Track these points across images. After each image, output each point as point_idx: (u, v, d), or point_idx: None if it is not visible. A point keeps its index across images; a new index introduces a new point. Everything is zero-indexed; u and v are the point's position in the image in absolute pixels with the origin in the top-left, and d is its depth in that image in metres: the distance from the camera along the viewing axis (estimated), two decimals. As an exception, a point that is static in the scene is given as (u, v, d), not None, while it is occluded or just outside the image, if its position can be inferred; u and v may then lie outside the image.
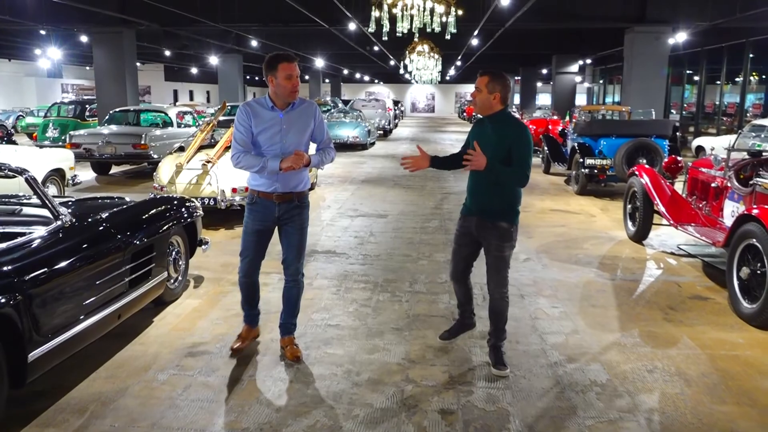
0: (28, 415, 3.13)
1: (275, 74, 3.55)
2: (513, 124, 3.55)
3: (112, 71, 15.39)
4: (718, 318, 4.67)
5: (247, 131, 3.62)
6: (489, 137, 3.52)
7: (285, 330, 3.93)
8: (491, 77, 3.51)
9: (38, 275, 3.11)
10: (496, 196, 3.55)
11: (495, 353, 3.71)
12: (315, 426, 3.08)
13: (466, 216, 3.70)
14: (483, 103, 3.55)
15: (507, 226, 3.55)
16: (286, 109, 3.64)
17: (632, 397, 3.41)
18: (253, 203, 3.74)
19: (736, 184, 5.37)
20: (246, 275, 3.85)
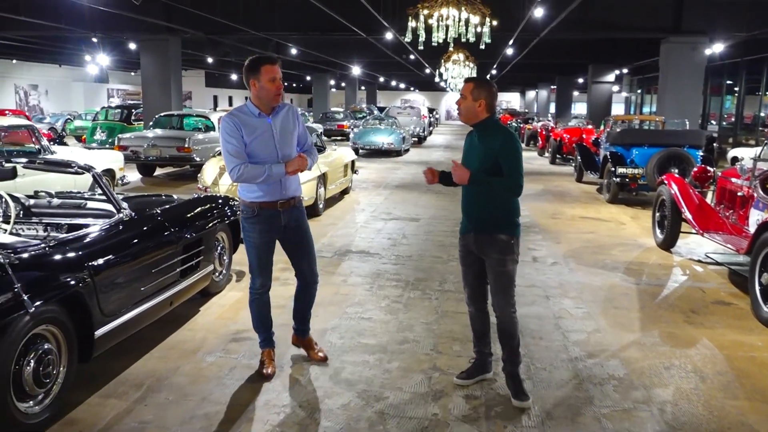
0: (92, 387, 3.48)
1: (258, 77, 3.42)
2: (499, 132, 3.38)
3: (157, 77, 16.03)
4: (739, 322, 4.81)
5: (239, 142, 3.42)
6: (476, 147, 3.40)
7: (301, 333, 3.90)
8: (476, 84, 3.37)
9: (104, 262, 3.47)
10: (490, 208, 3.37)
11: (514, 382, 3.45)
12: (349, 405, 3.36)
13: (464, 234, 3.50)
14: (468, 111, 3.38)
15: (506, 238, 3.34)
16: (271, 114, 3.52)
17: (647, 390, 3.61)
18: (256, 215, 3.55)
19: (761, 193, 5.49)
20: (263, 290, 3.69)
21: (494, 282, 3.42)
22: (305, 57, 22.67)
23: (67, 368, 3.19)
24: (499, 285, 3.40)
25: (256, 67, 3.44)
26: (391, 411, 3.31)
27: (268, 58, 3.52)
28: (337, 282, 5.67)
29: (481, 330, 3.63)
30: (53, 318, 3.06)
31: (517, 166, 3.29)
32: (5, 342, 2.74)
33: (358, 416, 3.24)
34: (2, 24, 14.28)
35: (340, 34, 15.47)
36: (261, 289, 3.69)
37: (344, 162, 10.48)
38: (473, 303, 3.61)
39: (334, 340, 4.26)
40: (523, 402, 3.36)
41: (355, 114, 28.65)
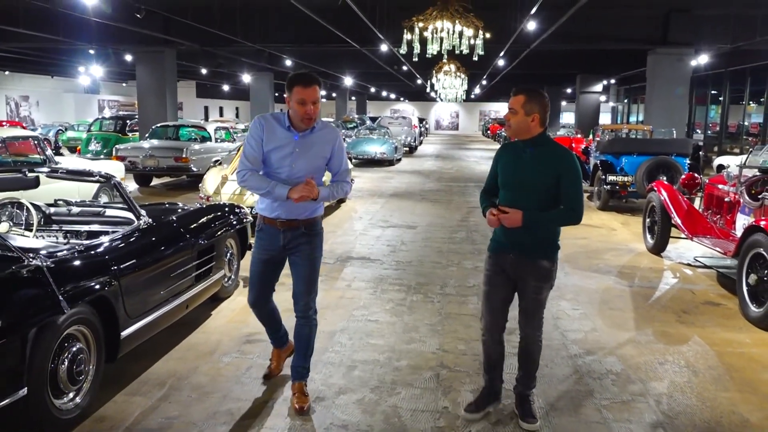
0: (117, 386, 3.64)
1: (290, 95, 3.24)
2: (559, 151, 3.10)
3: (153, 88, 16.20)
4: (729, 321, 5.04)
5: (258, 146, 3.30)
6: (528, 166, 3.07)
7: (296, 374, 3.52)
8: (528, 96, 3.06)
9: (128, 266, 3.64)
10: (535, 230, 3.09)
11: (522, 404, 3.31)
12: (363, 400, 3.54)
13: (499, 253, 3.20)
14: (519, 126, 3.08)
15: (548, 265, 3.12)
16: (303, 132, 3.31)
17: (644, 383, 3.82)
18: (260, 230, 3.45)
19: (747, 198, 5.75)
20: (255, 306, 3.59)
21: (527, 307, 3.19)
22: (298, 68, 22.88)
23: (96, 367, 3.35)
24: (531, 311, 3.20)
25: (290, 85, 3.23)
26: (404, 405, 3.49)
27: (303, 77, 3.23)
28: (342, 287, 5.85)
29: (498, 360, 3.35)
30: (84, 319, 3.23)
31: (578, 191, 3.05)
32: (44, 341, 2.90)
33: (373, 410, 3.43)
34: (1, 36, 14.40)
35: (335, 46, 15.72)
36: (253, 307, 3.57)
37: (341, 171, 10.67)
38: (492, 332, 3.28)
39: (344, 341, 4.45)
40: (531, 425, 3.22)
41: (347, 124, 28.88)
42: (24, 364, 2.79)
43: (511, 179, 3.14)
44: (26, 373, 2.80)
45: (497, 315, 3.25)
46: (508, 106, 3.16)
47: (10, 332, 2.73)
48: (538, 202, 3.06)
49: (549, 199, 3.06)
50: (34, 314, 2.87)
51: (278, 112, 3.47)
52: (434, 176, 16.31)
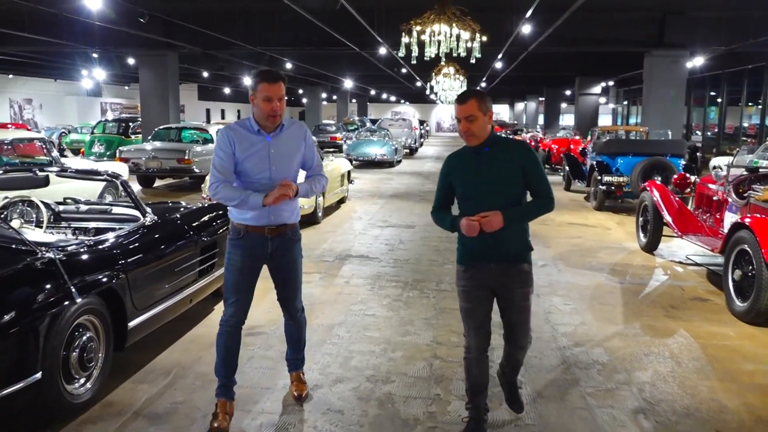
0: (124, 374, 3.81)
1: (255, 93, 3.16)
2: (514, 144, 3.08)
3: (156, 91, 16.40)
4: (715, 315, 5.21)
5: (228, 158, 3.17)
6: (489, 168, 2.93)
7: (293, 366, 3.63)
8: (479, 98, 2.93)
9: (135, 260, 3.82)
10: (515, 234, 2.94)
11: (510, 389, 3.31)
12: (359, 388, 3.71)
13: (476, 265, 2.99)
14: (482, 130, 2.92)
15: (528, 268, 3.02)
16: (273, 132, 3.23)
17: (628, 373, 3.99)
18: (241, 238, 3.28)
19: (734, 197, 5.92)
20: (234, 322, 3.32)
21: (516, 317, 3.04)
22: (298, 71, 23.10)
23: (105, 355, 3.52)
24: (520, 320, 3.06)
25: (255, 82, 3.18)
26: (397, 392, 3.66)
27: (268, 74, 3.20)
28: (340, 283, 6.02)
29: (483, 382, 3.12)
30: (94, 309, 3.40)
31: (546, 179, 2.99)
32: (57, 329, 3.07)
33: (368, 397, 3.60)
34: (7, 40, 14.61)
35: (335, 49, 15.92)
36: (231, 320, 3.30)
37: (341, 172, 10.87)
38: (478, 347, 3.06)
39: (342, 333, 4.62)
40: (518, 413, 3.29)
41: (347, 126, 29.08)
42: (38, 350, 2.97)
43: (472, 187, 2.95)
44: (40, 358, 2.97)
45: (482, 330, 3.05)
46: (461, 116, 2.91)
47: (25, 319, 2.91)
48: (506, 202, 2.89)
49: (516, 197, 2.94)
50: (48, 303, 3.04)
51: (243, 119, 3.33)
52: (434, 177, 16.43)
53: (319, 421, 3.31)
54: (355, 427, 3.26)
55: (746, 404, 3.59)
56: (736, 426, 3.34)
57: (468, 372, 3.12)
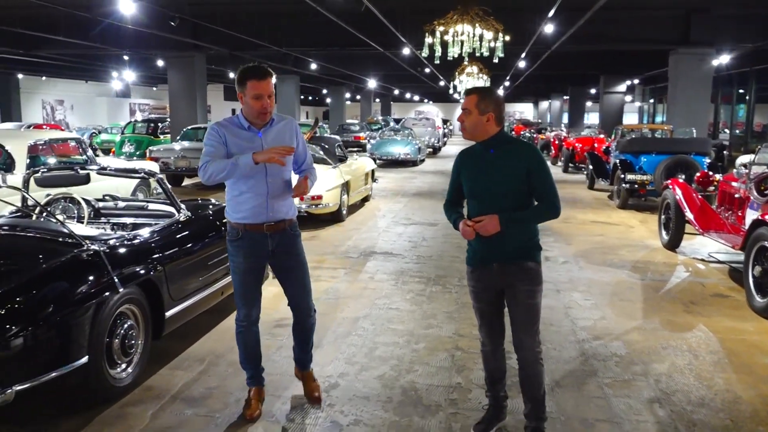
0: (161, 361, 4.02)
1: (244, 91, 3.10)
2: (522, 145, 3.01)
3: (184, 92, 16.77)
4: (735, 311, 5.27)
5: (219, 145, 3.13)
6: (494, 169, 2.91)
7: (302, 365, 3.60)
8: (480, 95, 2.92)
9: (171, 254, 4.04)
10: (518, 234, 2.91)
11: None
12: (383, 376, 3.88)
13: (481, 266, 3.01)
14: (475, 127, 2.92)
15: (534, 265, 2.95)
16: (264, 128, 3.20)
17: (645, 365, 4.09)
18: (240, 239, 3.24)
19: (755, 194, 5.95)
20: (249, 322, 3.38)
21: (521, 316, 2.97)
22: (323, 71, 23.36)
23: (144, 343, 3.74)
24: (526, 319, 2.97)
25: (242, 80, 3.10)
26: (420, 380, 3.82)
27: (256, 70, 3.10)
28: (365, 279, 6.20)
29: (500, 371, 3.17)
30: (134, 299, 3.62)
31: (552, 184, 2.92)
32: (102, 317, 3.29)
33: (393, 384, 3.76)
34: (43, 43, 15.09)
35: (359, 49, 16.11)
36: (245, 321, 3.35)
37: (365, 171, 11.05)
38: (492, 340, 3.13)
39: (367, 326, 4.79)
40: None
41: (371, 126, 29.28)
42: (85, 336, 3.19)
43: (478, 186, 2.95)
44: (87, 344, 3.19)
45: (494, 325, 3.10)
46: (462, 107, 2.98)
47: (74, 306, 3.14)
48: (511, 204, 2.87)
49: (521, 199, 2.90)
50: (94, 292, 3.26)
51: (231, 116, 3.27)
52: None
53: (346, 406, 3.49)
54: (380, 411, 3.43)
55: (761, 395, 3.67)
56: (749, 416, 3.44)
57: (485, 362, 3.20)
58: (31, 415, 3.30)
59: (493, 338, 3.12)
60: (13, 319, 2.90)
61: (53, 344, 3.05)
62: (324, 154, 9.76)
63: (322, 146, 10.11)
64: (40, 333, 2.98)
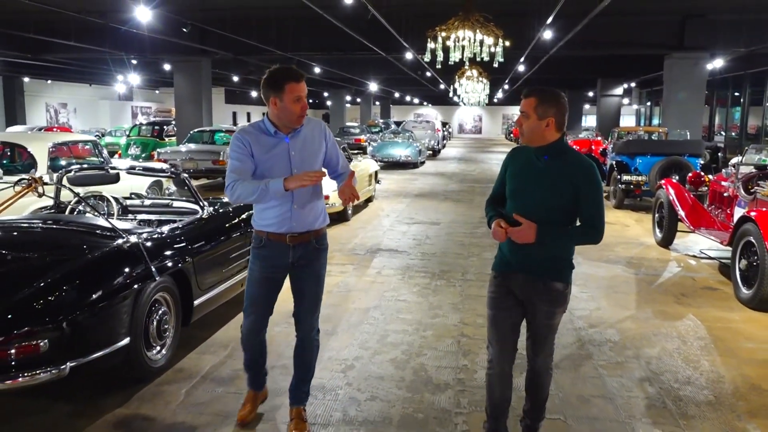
0: (189, 347, 4.34)
1: (281, 96, 2.92)
2: (578, 161, 2.73)
3: (190, 95, 17.12)
4: (723, 302, 5.60)
5: (246, 158, 2.96)
6: (542, 177, 2.71)
7: (295, 399, 3.29)
8: (540, 98, 2.70)
9: (198, 247, 4.35)
10: (554, 248, 2.75)
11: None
12: (395, 359, 4.20)
13: (505, 272, 2.84)
14: (532, 132, 2.72)
15: (562, 287, 2.76)
16: (291, 133, 3.03)
17: (637, 349, 4.42)
18: (262, 246, 3.12)
19: (742, 193, 6.29)
20: (252, 332, 3.24)
21: (537, 334, 2.86)
22: (324, 74, 23.69)
23: (175, 328, 4.06)
24: (543, 336, 2.86)
25: (280, 84, 2.92)
26: (429, 363, 4.15)
27: (293, 73, 2.96)
28: (373, 274, 6.52)
29: (505, 401, 2.93)
30: (168, 287, 3.94)
31: (601, 207, 2.71)
32: (141, 303, 3.61)
33: (404, 366, 4.09)
34: (52, 47, 15.42)
35: (362, 54, 16.45)
36: (249, 332, 3.23)
37: (369, 172, 11.38)
38: (501, 361, 2.87)
39: (377, 316, 5.11)
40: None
41: (371, 128, 29.63)
42: (127, 319, 3.51)
43: (521, 189, 2.77)
44: (128, 326, 3.52)
45: (507, 342, 2.86)
46: (520, 109, 2.80)
47: (118, 292, 3.46)
48: (551, 217, 2.69)
49: (564, 215, 2.71)
50: (134, 279, 3.58)
51: (255, 122, 3.13)
52: (457, 178, 16.94)
53: (362, 385, 3.81)
54: (394, 389, 3.75)
55: (743, 375, 4.01)
56: (731, 392, 3.77)
57: (489, 389, 2.92)
58: (78, 393, 3.62)
59: (503, 356, 2.86)
60: (65, 304, 3.22)
61: (100, 326, 3.37)
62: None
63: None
64: (88, 316, 3.29)
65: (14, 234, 3.83)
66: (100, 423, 3.31)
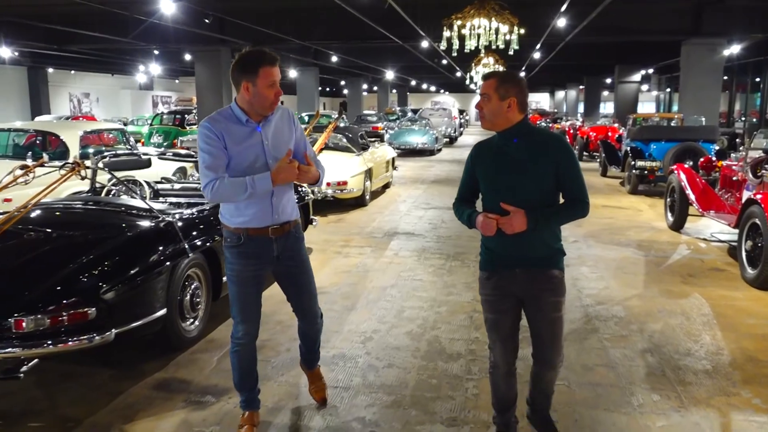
0: (218, 320, 4.64)
1: (254, 80, 2.71)
2: (549, 136, 2.70)
3: (211, 84, 17.47)
4: (728, 282, 5.79)
5: (219, 152, 2.74)
6: (517, 161, 2.62)
7: (308, 364, 3.40)
8: (500, 79, 2.63)
9: (226, 226, 4.64)
10: (543, 234, 2.64)
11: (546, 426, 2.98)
12: (411, 332, 4.48)
13: (499, 270, 2.72)
14: (494, 114, 2.62)
15: (559, 273, 2.71)
16: (262, 121, 2.84)
17: (641, 324, 4.65)
18: (241, 244, 2.91)
19: (750, 177, 6.45)
20: (246, 339, 3.06)
21: (546, 332, 2.73)
22: (342, 63, 23.91)
23: (206, 302, 4.37)
24: (552, 335, 2.73)
25: (253, 67, 2.72)
26: (443, 335, 4.41)
27: (267, 56, 2.75)
28: (390, 255, 6.79)
29: (512, 397, 2.91)
30: (199, 264, 4.24)
31: (582, 179, 2.65)
32: (176, 277, 3.92)
33: (420, 338, 4.36)
34: (76, 38, 15.82)
35: (378, 42, 16.64)
36: (243, 339, 3.04)
37: (386, 159, 11.63)
38: (506, 361, 2.82)
39: (394, 294, 5.39)
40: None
41: (388, 116, 29.81)
42: (164, 292, 3.81)
43: (499, 180, 2.66)
44: (165, 298, 3.82)
45: (509, 344, 2.80)
46: (479, 92, 2.71)
47: (156, 267, 3.77)
48: (536, 201, 2.60)
49: (547, 195, 2.64)
50: (170, 255, 3.89)
51: (222, 109, 2.88)
52: (473, 165, 17.10)
53: (380, 354, 4.09)
54: (410, 358, 4.03)
55: (741, 348, 4.22)
56: (728, 362, 3.99)
57: (494, 388, 2.91)
58: (120, 360, 3.94)
59: (507, 357, 2.80)
60: (109, 277, 3.53)
61: (139, 298, 3.68)
62: (348, 143, 10.37)
63: (346, 135, 10.70)
64: (129, 288, 3.60)
65: (60, 214, 4.16)
66: (142, 384, 3.64)
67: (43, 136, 8.70)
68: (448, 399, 3.49)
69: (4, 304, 3.22)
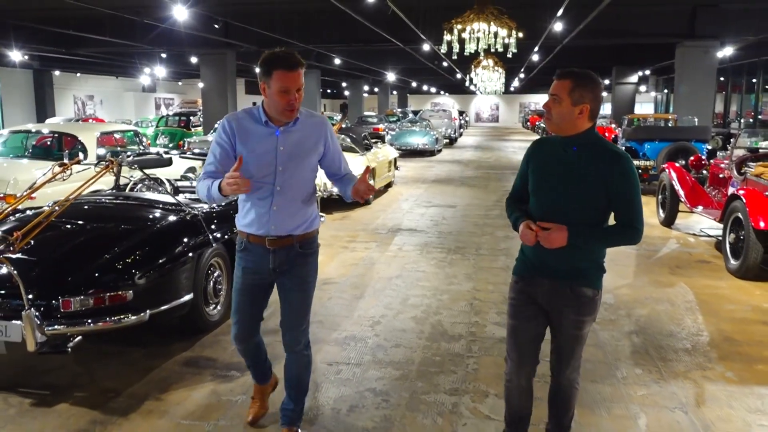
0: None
1: (268, 82, 2.62)
2: (612, 151, 2.44)
3: (216, 87, 17.84)
4: (713, 273, 6.16)
5: (223, 155, 2.72)
6: (571, 170, 2.45)
7: (286, 419, 3.03)
8: (576, 82, 2.41)
9: (244, 220, 5.01)
10: (578, 249, 2.46)
11: None
12: (416, 317, 4.84)
13: (528, 277, 2.60)
14: (563, 118, 2.44)
15: (592, 294, 2.51)
16: (285, 126, 2.73)
17: (629, 310, 5.02)
18: (243, 249, 2.88)
19: (735, 174, 6.81)
20: (240, 341, 3.00)
21: (563, 345, 2.60)
22: (344, 65, 24.28)
23: (227, 289, 4.73)
24: (570, 348, 2.59)
25: (267, 69, 2.62)
26: (445, 320, 4.78)
27: (285, 59, 2.61)
28: (394, 249, 7.16)
29: (524, 414, 2.77)
30: (221, 254, 4.60)
31: (639, 203, 2.43)
32: (201, 265, 4.28)
33: (424, 322, 4.73)
34: (85, 42, 16.21)
35: (380, 45, 17.02)
36: (235, 341, 3.01)
37: (389, 159, 12.01)
38: (522, 372, 2.67)
39: (399, 283, 5.75)
40: None
41: (389, 117, 30.19)
42: (191, 278, 4.18)
43: (547, 185, 2.51)
44: (192, 284, 4.19)
45: (526, 355, 2.64)
46: (550, 92, 2.50)
47: (184, 255, 4.13)
48: (581, 216, 2.44)
49: (595, 212, 2.46)
50: (196, 245, 4.25)
51: (251, 107, 2.82)
52: (473, 165, 17.50)
53: (388, 336, 4.46)
54: (415, 339, 4.39)
55: (720, 330, 4.59)
56: (706, 342, 4.36)
57: (508, 399, 2.76)
58: (150, 341, 4.31)
59: (522, 368, 2.65)
60: (145, 264, 3.88)
61: (169, 283, 4.04)
62: (352, 143, 10.76)
63: (350, 136, 11.10)
64: (160, 274, 3.96)
65: (94, 209, 4.52)
66: (172, 362, 4.00)
67: (61, 137, 9.07)
68: (450, 373, 3.86)
69: (52, 286, 3.58)
